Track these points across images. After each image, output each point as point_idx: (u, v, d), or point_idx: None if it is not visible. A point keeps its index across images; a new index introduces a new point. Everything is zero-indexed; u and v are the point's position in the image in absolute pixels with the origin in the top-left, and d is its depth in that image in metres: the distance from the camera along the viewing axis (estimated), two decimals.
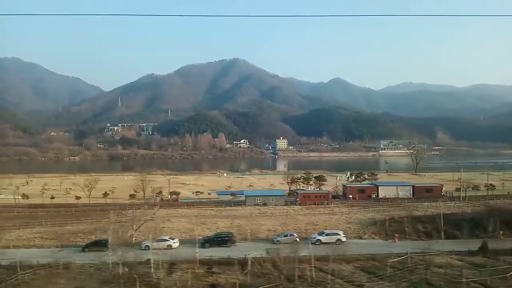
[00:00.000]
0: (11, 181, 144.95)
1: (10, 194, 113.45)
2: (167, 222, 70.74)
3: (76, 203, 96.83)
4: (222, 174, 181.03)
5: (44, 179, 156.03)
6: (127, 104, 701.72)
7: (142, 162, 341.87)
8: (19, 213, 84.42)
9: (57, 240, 59.61)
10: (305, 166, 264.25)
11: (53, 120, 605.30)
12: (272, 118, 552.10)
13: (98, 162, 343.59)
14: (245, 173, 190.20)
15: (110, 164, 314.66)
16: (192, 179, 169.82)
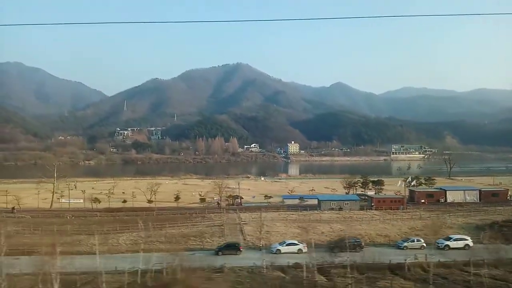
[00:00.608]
0: (54, 185, 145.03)
1: (76, 198, 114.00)
2: (265, 227, 71.33)
3: (153, 207, 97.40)
4: (259, 178, 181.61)
5: (85, 184, 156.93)
6: (132, 109, 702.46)
7: (158, 166, 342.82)
8: (104, 217, 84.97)
9: (175, 244, 60.09)
10: (325, 170, 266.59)
11: (59, 124, 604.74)
12: (280, 122, 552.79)
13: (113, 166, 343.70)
14: (281, 177, 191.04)
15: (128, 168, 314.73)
16: (233, 183, 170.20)
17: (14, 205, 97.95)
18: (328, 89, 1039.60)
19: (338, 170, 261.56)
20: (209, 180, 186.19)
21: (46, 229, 71.30)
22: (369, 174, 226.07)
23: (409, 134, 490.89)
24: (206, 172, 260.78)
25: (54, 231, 69.26)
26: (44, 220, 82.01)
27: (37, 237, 63.12)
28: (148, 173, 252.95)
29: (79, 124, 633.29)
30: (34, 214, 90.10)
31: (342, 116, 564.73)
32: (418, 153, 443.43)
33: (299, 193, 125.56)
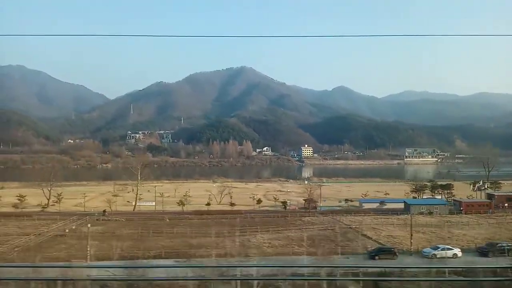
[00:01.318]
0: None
1: (147, 201, 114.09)
2: (381, 231, 71.62)
3: (239, 210, 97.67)
4: (303, 182, 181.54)
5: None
6: (138, 112, 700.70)
7: (175, 170, 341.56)
8: (203, 220, 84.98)
9: (320, 247, 59.78)
10: (350, 174, 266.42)
11: (67, 127, 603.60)
12: (290, 125, 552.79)
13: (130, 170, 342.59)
14: (323, 181, 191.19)
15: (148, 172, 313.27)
16: (278, 187, 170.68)
17: (105, 208, 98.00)
18: (330, 93, 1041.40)
19: (363, 174, 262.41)
20: (250, 183, 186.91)
21: (164, 231, 71.50)
22: (398, 178, 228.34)
23: (420, 138, 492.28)
24: (237, 175, 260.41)
25: (175, 233, 69.41)
26: (146, 223, 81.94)
27: (173, 240, 62.84)
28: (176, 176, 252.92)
29: (86, 127, 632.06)
30: (128, 217, 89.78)
31: (351, 119, 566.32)
32: (431, 157, 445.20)
33: (354, 197, 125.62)
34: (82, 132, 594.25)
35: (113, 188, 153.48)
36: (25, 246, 60.33)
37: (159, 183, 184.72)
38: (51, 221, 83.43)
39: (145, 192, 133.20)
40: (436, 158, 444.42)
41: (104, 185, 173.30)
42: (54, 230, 73.79)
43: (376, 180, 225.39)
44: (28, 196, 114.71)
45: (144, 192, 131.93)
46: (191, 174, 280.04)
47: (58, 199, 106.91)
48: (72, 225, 78.12)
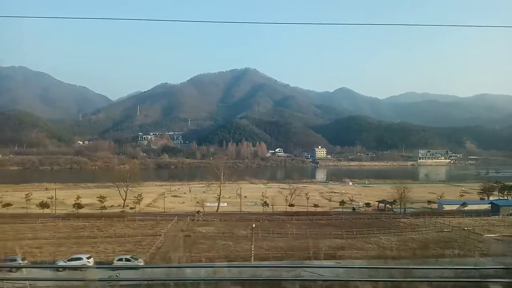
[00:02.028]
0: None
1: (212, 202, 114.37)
2: (490, 232, 71.66)
3: (328, 211, 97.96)
4: (347, 183, 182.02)
5: (184, 188, 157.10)
6: (144, 113, 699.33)
7: (192, 171, 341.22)
8: (299, 221, 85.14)
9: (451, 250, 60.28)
10: (364, 175, 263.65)
11: (76, 128, 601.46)
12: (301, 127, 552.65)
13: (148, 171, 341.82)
14: (366, 183, 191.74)
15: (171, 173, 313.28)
16: (325, 188, 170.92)
17: (199, 209, 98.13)
18: (332, 94, 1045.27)
19: (382, 175, 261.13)
20: (282, 183, 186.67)
21: (282, 232, 71.61)
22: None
23: (432, 140, 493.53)
24: (262, 177, 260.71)
25: (294, 234, 69.46)
26: (245, 223, 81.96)
27: (303, 241, 62.78)
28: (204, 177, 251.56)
29: (94, 128, 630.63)
30: (217, 218, 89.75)
31: (360, 120, 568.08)
32: (444, 158, 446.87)
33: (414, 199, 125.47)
34: (90, 133, 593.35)
35: (166, 189, 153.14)
36: (167, 247, 60.29)
37: (201, 184, 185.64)
38: (152, 222, 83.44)
39: (199, 193, 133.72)
40: (449, 159, 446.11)
41: (153, 186, 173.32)
42: (171, 230, 73.79)
43: (408, 181, 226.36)
44: (85, 197, 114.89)
45: (199, 194, 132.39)
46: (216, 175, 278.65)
47: (138, 200, 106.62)
48: (182, 226, 78.30)
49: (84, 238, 67.35)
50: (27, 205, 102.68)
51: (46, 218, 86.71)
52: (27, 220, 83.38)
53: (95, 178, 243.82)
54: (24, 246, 58.78)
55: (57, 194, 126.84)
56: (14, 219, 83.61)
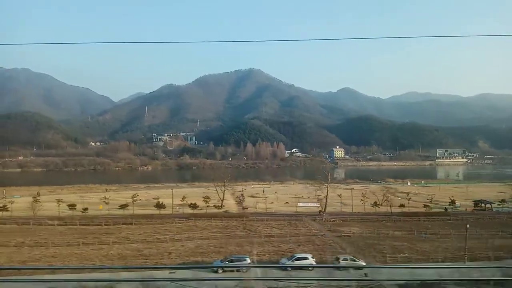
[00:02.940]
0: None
1: (310, 202, 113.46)
2: None
3: (447, 212, 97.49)
4: (406, 183, 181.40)
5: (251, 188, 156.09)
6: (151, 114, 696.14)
7: (214, 171, 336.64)
8: (429, 222, 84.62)
9: None
10: (389, 175, 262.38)
11: (85, 130, 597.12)
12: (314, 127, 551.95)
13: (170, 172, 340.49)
14: (420, 182, 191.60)
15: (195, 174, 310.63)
16: (382, 188, 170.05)
17: (321, 209, 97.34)
18: (335, 94, 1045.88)
19: (404, 174, 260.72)
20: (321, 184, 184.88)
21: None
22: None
23: (446, 139, 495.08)
24: (299, 177, 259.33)
25: (454, 235, 68.58)
26: (372, 224, 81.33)
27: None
28: (238, 178, 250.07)
29: (103, 129, 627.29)
30: (341, 218, 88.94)
31: (372, 121, 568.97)
32: (461, 158, 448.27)
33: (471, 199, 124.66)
34: (100, 134, 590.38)
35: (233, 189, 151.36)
36: (342, 247, 59.61)
37: (253, 184, 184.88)
38: (280, 222, 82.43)
39: (271, 193, 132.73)
40: (466, 159, 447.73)
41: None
42: (320, 230, 73.01)
43: (447, 180, 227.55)
44: (163, 198, 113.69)
45: (271, 194, 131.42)
46: (247, 175, 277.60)
47: (240, 200, 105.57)
48: (322, 226, 77.52)
49: (247, 237, 66.58)
50: (132, 205, 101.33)
51: (178, 219, 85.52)
52: (166, 221, 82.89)
53: (144, 179, 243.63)
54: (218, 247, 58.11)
55: (124, 195, 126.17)
56: (151, 219, 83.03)
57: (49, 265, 47.31)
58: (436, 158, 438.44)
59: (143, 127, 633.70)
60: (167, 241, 63.70)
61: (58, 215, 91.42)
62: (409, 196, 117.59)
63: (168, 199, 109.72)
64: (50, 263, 49.38)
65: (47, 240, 64.00)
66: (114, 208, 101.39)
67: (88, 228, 76.33)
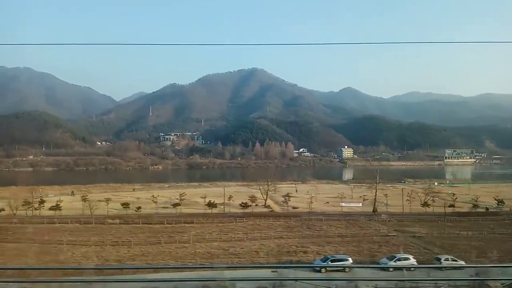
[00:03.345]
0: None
1: (354, 202, 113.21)
2: None
3: (499, 212, 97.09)
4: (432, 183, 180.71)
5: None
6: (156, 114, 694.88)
7: (223, 171, 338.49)
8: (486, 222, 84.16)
9: None
10: (398, 175, 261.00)
11: (91, 129, 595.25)
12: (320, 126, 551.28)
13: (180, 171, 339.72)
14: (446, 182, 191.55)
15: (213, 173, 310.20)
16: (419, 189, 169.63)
17: (375, 209, 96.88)
18: (337, 94, 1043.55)
19: (423, 175, 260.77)
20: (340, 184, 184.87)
21: None
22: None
23: (454, 139, 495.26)
24: (318, 177, 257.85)
25: None
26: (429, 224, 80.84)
27: None
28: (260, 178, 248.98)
29: (108, 129, 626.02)
30: (393, 218, 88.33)
31: (379, 120, 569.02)
32: (469, 158, 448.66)
33: None
34: (105, 134, 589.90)
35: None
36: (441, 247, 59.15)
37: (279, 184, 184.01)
38: (340, 221, 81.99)
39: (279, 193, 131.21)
40: (474, 159, 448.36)
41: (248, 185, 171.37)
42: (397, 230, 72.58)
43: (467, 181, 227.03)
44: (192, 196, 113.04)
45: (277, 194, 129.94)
46: (259, 175, 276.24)
47: (286, 199, 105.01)
48: (389, 227, 77.02)
49: (320, 237, 66.21)
50: (175, 205, 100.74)
51: (235, 218, 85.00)
52: (225, 220, 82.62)
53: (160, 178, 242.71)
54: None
55: (155, 194, 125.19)
56: (209, 218, 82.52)
57: (147, 264, 46.83)
58: (445, 158, 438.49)
59: (148, 126, 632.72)
60: (244, 240, 63.19)
61: (115, 214, 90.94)
62: (454, 196, 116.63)
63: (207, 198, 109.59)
64: (147, 262, 48.84)
65: (121, 238, 63.52)
66: (160, 207, 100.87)
67: (153, 227, 75.84)
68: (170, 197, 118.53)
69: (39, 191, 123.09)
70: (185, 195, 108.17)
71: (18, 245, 57.15)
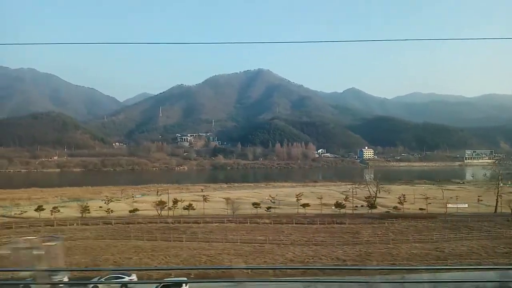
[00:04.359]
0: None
1: (460, 203, 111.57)
2: None
3: None
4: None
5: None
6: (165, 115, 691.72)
7: (248, 172, 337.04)
8: None
9: None
10: (419, 176, 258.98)
11: (103, 130, 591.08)
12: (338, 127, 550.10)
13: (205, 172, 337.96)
14: None
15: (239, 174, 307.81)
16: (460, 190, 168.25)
17: None
18: (341, 95, 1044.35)
19: (447, 175, 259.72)
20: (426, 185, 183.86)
21: None
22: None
23: (471, 140, 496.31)
24: (345, 178, 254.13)
25: None
26: None
27: None
28: (292, 178, 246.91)
29: (119, 130, 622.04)
30: None
31: (394, 121, 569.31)
32: (488, 158, 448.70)
33: None
34: (117, 135, 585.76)
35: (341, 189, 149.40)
36: None
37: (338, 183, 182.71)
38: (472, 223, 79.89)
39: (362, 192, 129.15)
40: (493, 159, 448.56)
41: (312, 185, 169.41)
42: None
43: None
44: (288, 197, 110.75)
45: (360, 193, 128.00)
46: (289, 176, 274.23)
47: (401, 200, 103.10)
48: None
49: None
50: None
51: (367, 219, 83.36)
52: (372, 221, 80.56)
53: (207, 178, 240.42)
54: None
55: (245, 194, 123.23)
56: (354, 219, 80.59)
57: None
58: (465, 158, 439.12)
59: (159, 127, 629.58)
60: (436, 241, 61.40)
61: (253, 213, 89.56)
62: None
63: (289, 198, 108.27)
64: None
65: (291, 237, 62.43)
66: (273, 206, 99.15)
67: (319, 227, 74.14)
68: (264, 197, 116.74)
69: (131, 191, 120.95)
70: (276, 196, 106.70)
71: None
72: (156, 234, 67.03)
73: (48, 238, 55.57)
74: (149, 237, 64.73)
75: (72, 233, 67.91)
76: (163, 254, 52.26)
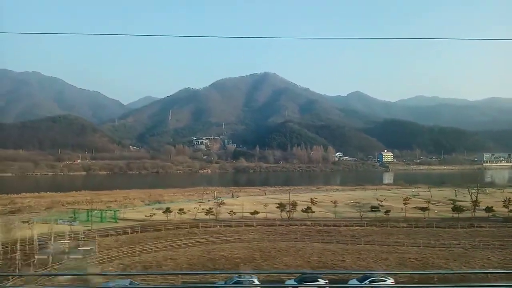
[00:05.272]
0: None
1: None
2: None
3: None
4: None
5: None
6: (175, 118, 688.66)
7: (270, 175, 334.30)
8: None
9: None
10: (441, 179, 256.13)
11: (116, 133, 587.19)
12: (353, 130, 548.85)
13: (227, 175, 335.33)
14: None
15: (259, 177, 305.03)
16: None
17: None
18: (345, 98, 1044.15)
19: (468, 178, 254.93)
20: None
21: None
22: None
23: (488, 143, 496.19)
24: (373, 182, 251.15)
25: None
26: None
27: None
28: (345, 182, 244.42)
29: (130, 133, 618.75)
30: None
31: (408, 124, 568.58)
32: (506, 162, 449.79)
33: None
34: (128, 138, 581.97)
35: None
36: None
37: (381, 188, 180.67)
38: None
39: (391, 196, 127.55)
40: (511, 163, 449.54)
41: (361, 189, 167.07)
42: None
43: None
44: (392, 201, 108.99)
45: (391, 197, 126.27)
46: (315, 180, 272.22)
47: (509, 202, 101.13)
48: None
49: None
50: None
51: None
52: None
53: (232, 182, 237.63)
54: None
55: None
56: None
57: None
58: (483, 162, 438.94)
59: (169, 130, 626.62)
60: None
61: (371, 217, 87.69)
62: None
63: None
64: None
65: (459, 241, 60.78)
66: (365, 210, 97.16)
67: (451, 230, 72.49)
68: (343, 200, 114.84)
69: (214, 193, 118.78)
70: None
71: None
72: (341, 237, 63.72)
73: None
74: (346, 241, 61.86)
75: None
76: (374, 257, 50.10)
